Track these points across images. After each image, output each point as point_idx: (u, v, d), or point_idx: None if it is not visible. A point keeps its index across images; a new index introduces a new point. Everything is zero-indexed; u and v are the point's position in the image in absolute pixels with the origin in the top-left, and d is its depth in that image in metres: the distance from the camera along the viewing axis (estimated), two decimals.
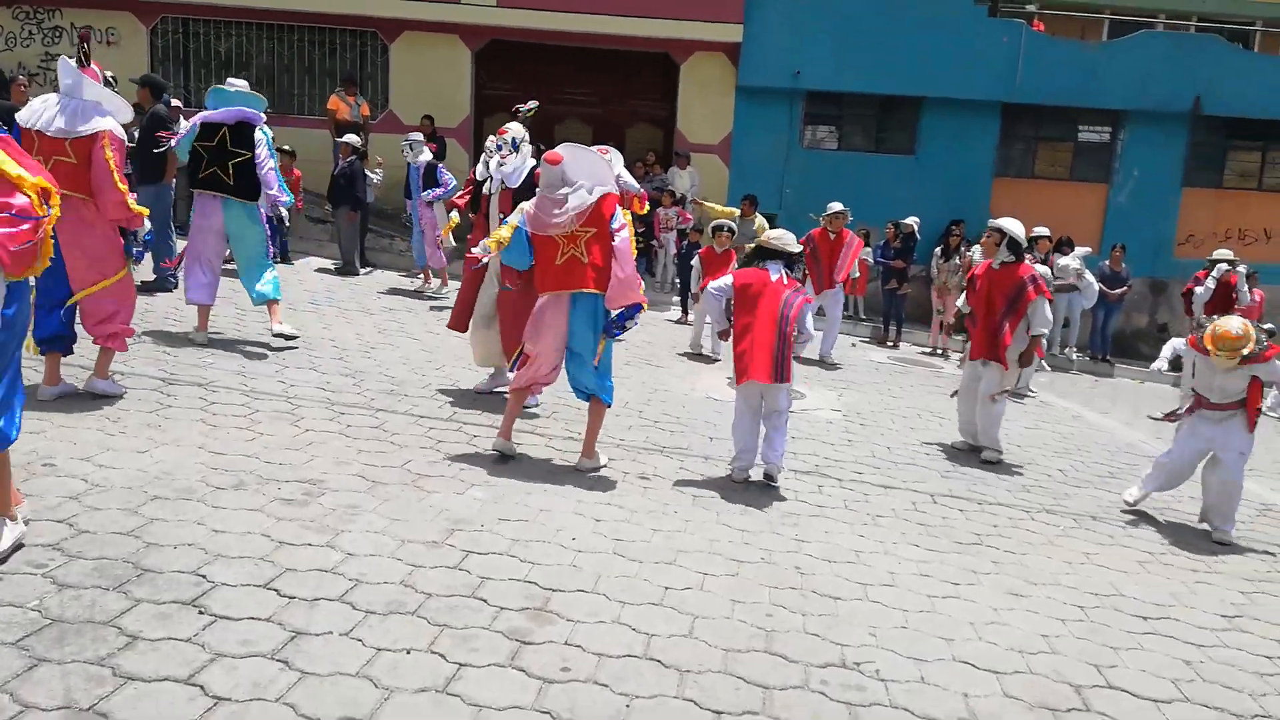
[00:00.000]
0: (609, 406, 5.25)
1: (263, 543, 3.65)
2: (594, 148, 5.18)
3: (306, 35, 14.25)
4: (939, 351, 12.30)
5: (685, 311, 11.41)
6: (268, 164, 6.65)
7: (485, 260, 5.52)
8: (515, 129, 6.16)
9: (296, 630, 3.04)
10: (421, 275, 10.75)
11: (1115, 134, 14.83)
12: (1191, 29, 17.77)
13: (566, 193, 4.91)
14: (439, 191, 10.36)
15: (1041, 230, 11.32)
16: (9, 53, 13.59)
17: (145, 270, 8.55)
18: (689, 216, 12.71)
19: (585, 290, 4.95)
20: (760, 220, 12.09)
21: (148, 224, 5.29)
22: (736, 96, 14.18)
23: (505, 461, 5.07)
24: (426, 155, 10.53)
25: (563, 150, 5.00)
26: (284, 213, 7.46)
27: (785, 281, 5.42)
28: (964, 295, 7.12)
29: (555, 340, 5.08)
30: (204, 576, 3.31)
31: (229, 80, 6.97)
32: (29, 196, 3.17)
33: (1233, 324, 5.34)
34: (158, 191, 8.18)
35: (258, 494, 4.14)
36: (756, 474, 5.45)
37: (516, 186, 6.06)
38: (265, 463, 4.55)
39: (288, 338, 7.00)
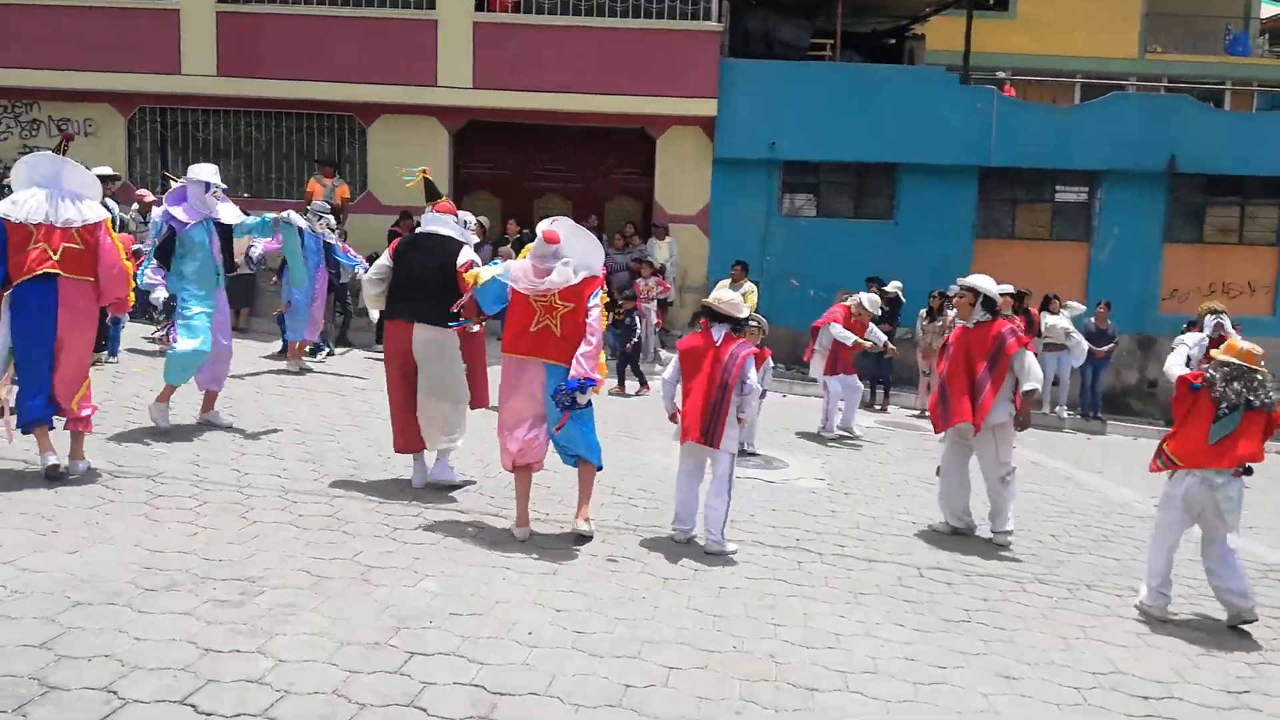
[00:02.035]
0: (598, 469, 5.30)
1: (187, 651, 3.38)
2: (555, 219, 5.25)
3: (284, 121, 14.34)
4: (927, 413, 12.08)
5: (621, 384, 11.09)
6: None
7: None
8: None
9: None
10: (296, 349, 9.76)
11: (1093, 193, 14.86)
12: (1162, 90, 18.08)
13: (553, 265, 5.06)
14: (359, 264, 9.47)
15: (1005, 287, 11.15)
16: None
17: None
18: (668, 286, 12.62)
19: (552, 363, 5.07)
20: (748, 285, 11.98)
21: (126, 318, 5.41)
22: (714, 168, 14.21)
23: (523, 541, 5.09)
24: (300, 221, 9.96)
25: (560, 230, 5.12)
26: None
27: (728, 340, 5.37)
28: (936, 366, 6.69)
29: (525, 401, 5.13)
30: (115, 693, 3.03)
31: (194, 168, 6.77)
32: None
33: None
34: None
35: (190, 595, 3.87)
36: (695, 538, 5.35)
37: None
38: (204, 560, 4.29)
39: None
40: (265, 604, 3.87)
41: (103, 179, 9.66)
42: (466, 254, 5.63)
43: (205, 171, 6.75)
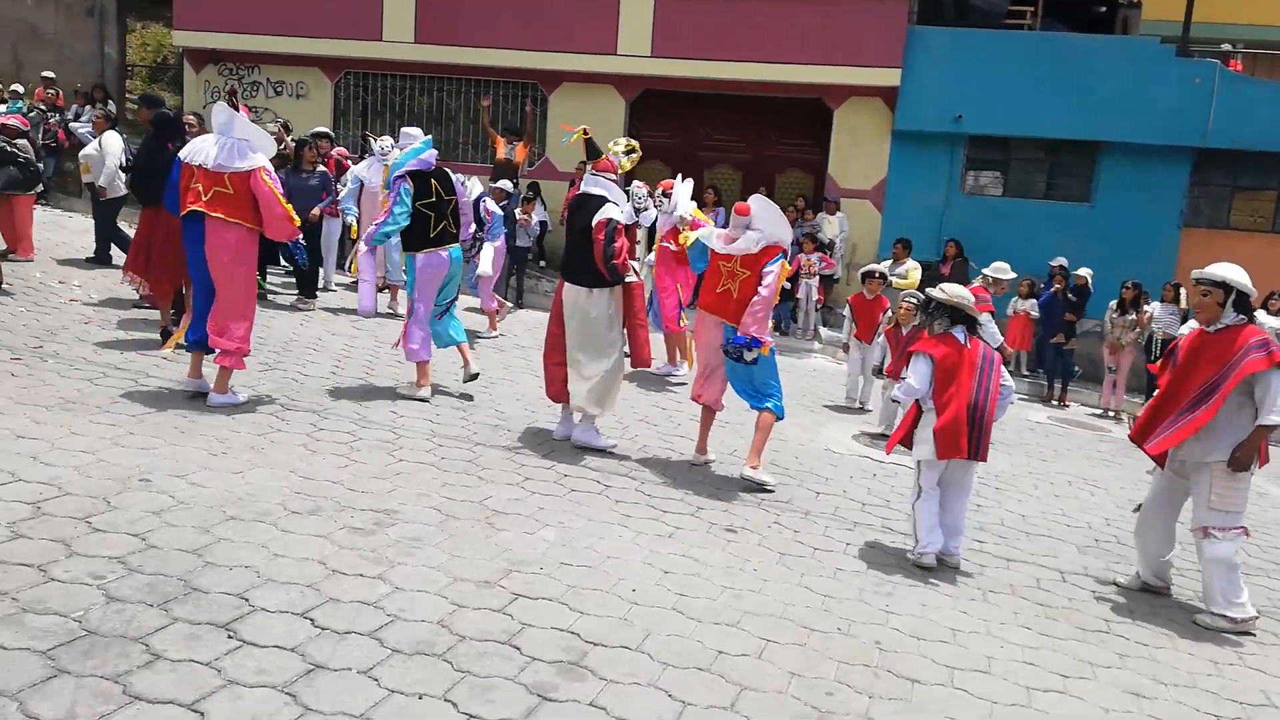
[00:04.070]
0: (778, 418, 5.81)
1: (316, 570, 3.66)
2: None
3: (472, 87, 14.97)
4: (1111, 413, 11.27)
5: None
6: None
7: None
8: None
9: (316, 664, 2.98)
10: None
11: None
12: None
13: (740, 234, 5.69)
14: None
15: None
16: (213, 104, 15.00)
17: None
18: (832, 261, 12.31)
19: (729, 322, 5.68)
20: (911, 263, 11.56)
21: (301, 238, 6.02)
22: (892, 141, 13.70)
23: (702, 465, 5.96)
24: (477, 189, 9.74)
25: (752, 204, 5.73)
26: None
27: (974, 340, 4.96)
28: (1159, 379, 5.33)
29: (711, 352, 5.87)
30: (246, 600, 3.32)
31: (405, 131, 7.03)
32: None
33: None
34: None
35: (330, 520, 4.18)
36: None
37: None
38: (349, 490, 4.61)
39: (473, 376, 6.87)
40: (394, 535, 4.12)
41: (317, 137, 10.59)
42: (604, 213, 5.71)
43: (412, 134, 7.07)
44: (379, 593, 3.55)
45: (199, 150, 5.74)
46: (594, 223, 5.72)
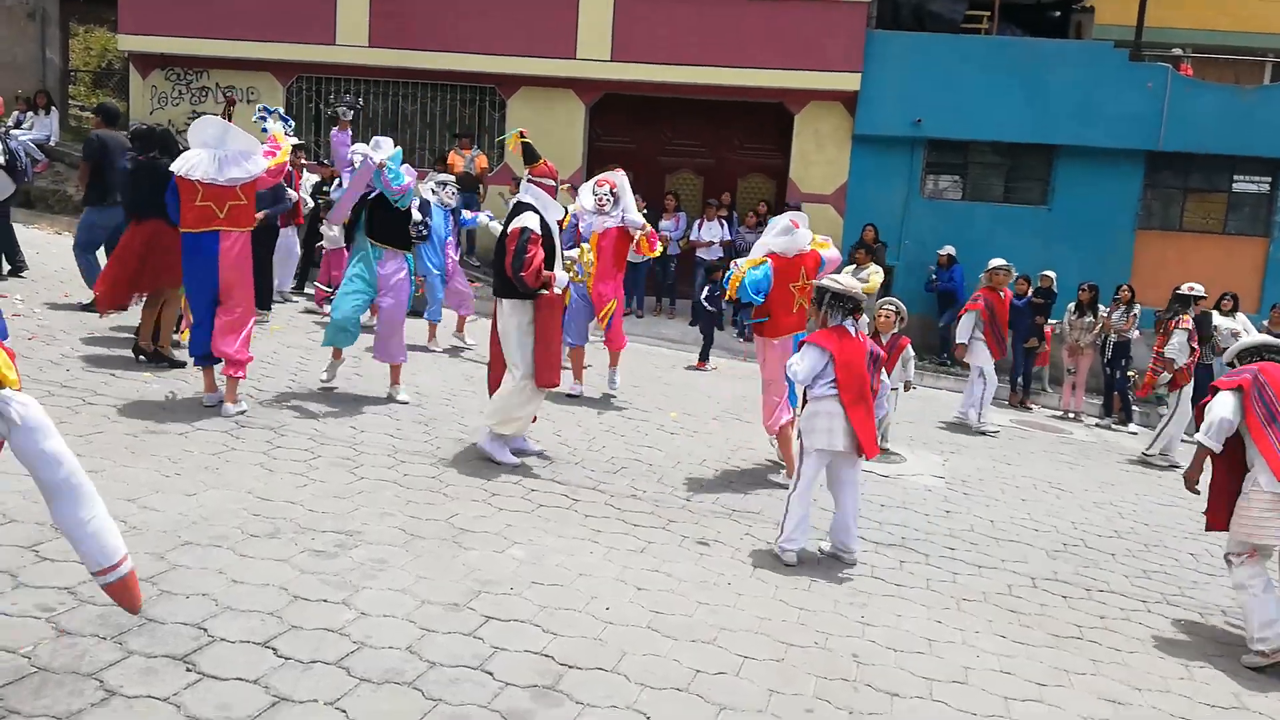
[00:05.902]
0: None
1: (277, 596, 3.52)
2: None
3: (429, 91, 14.78)
4: (1071, 415, 11.41)
5: (705, 359, 10.74)
6: None
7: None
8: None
9: (280, 696, 2.86)
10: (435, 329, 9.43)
11: (1276, 184, 13.55)
12: None
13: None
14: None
15: (1197, 289, 10.19)
16: (161, 111, 14.66)
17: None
18: None
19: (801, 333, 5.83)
20: (873, 267, 11.58)
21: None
22: (853, 145, 13.76)
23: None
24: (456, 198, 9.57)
25: (796, 217, 6.07)
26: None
27: (862, 335, 5.08)
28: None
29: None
30: (205, 630, 3.19)
31: (376, 140, 6.77)
32: None
33: None
34: (99, 213, 8.01)
35: (290, 544, 4.04)
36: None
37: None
38: (308, 511, 4.47)
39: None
40: (358, 558, 3.99)
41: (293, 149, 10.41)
42: (519, 221, 5.54)
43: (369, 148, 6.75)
44: (344, 619, 3.42)
45: (194, 165, 5.73)
46: (508, 231, 5.59)
